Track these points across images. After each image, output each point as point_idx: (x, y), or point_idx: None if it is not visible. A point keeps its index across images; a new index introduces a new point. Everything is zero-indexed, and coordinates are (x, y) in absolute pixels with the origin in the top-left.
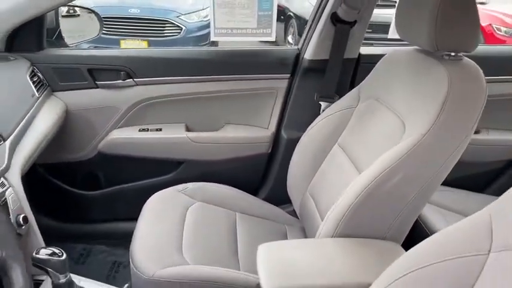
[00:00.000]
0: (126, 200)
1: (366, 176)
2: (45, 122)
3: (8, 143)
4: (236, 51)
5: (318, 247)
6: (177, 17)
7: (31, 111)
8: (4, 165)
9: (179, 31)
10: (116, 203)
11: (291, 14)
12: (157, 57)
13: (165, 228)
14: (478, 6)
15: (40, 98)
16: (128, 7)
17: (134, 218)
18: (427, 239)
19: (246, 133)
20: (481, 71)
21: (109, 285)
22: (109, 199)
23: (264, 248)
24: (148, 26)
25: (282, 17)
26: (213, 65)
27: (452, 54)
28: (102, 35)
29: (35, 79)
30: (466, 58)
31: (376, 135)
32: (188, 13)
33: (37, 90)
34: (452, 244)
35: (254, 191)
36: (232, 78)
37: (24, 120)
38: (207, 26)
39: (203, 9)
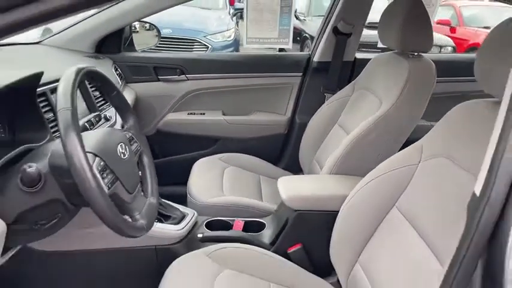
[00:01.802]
0: (175, 168)
1: (353, 133)
2: None
3: None
4: (261, 55)
5: (318, 178)
6: (204, 36)
7: None
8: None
9: (206, 49)
10: (167, 171)
11: (307, 35)
12: (203, 59)
13: (210, 176)
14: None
15: (121, 87)
16: (162, 27)
17: (182, 182)
18: (383, 162)
19: (268, 117)
20: (433, 65)
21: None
22: (162, 167)
23: (282, 178)
24: (179, 44)
25: (298, 38)
26: (244, 65)
27: (415, 54)
28: None
29: (116, 73)
30: (424, 56)
31: (363, 111)
32: (214, 33)
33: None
34: (395, 162)
35: (274, 161)
36: (258, 75)
37: None
38: (230, 45)
39: (227, 30)
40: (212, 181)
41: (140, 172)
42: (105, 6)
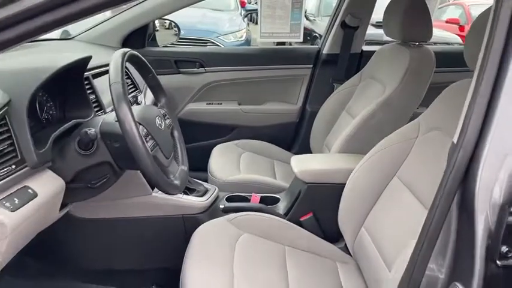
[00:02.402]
0: (196, 155)
1: (358, 116)
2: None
3: None
4: (274, 49)
5: (327, 156)
6: (217, 37)
7: None
8: None
9: None
10: (188, 157)
11: (316, 34)
12: (221, 53)
13: (228, 159)
14: None
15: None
16: None
17: (201, 168)
18: (384, 138)
19: (280, 107)
20: (432, 54)
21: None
22: None
23: (294, 157)
24: (193, 44)
25: (309, 38)
26: (258, 58)
27: (416, 43)
28: None
29: None
30: (425, 46)
31: (368, 98)
32: (226, 34)
33: None
34: (395, 137)
35: (287, 147)
36: (271, 67)
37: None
38: (241, 44)
39: (239, 30)
40: (230, 162)
41: (174, 144)
42: (131, 5)
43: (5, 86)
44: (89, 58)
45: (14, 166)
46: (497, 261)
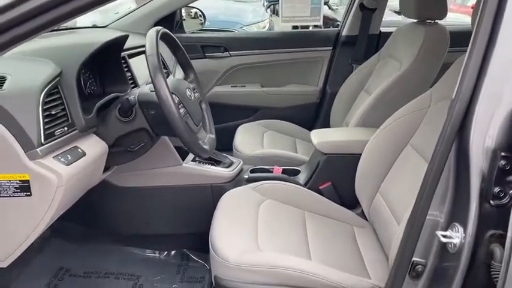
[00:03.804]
0: (221, 135)
1: (375, 92)
2: (178, 75)
3: None
4: (295, 32)
5: (345, 129)
6: (240, 27)
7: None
8: None
9: None
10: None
11: (339, 23)
12: (245, 37)
13: (252, 136)
14: None
15: (174, 64)
16: None
17: (227, 148)
18: (398, 110)
19: (301, 88)
20: (447, 31)
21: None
22: None
23: (314, 131)
24: None
25: (331, 27)
26: (280, 42)
27: (431, 21)
28: None
29: None
30: (440, 24)
31: (386, 75)
32: (249, 24)
33: None
34: (408, 108)
35: (308, 127)
36: (292, 50)
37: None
38: None
39: (262, 21)
40: (254, 139)
41: (202, 115)
42: None
43: (56, 59)
44: (126, 36)
45: (66, 128)
46: (491, 201)
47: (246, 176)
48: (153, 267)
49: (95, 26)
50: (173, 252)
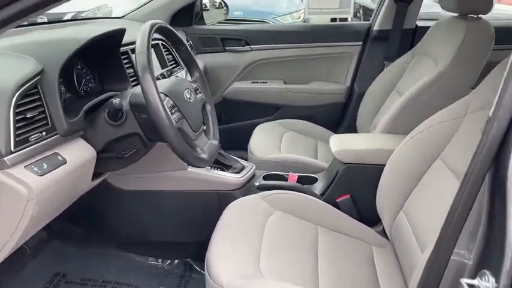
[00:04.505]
0: (239, 133)
1: (406, 94)
2: None
3: None
4: (322, 25)
5: (368, 135)
6: (274, 18)
7: None
8: None
9: None
10: (232, 136)
11: None
12: (267, 30)
13: (269, 137)
14: None
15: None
16: (233, 10)
17: (244, 147)
18: (429, 117)
19: (327, 86)
20: (491, 28)
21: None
22: (226, 133)
23: (334, 136)
24: None
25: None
26: (305, 36)
27: (474, 16)
28: None
29: (188, 43)
30: (483, 19)
31: (419, 75)
32: (283, 15)
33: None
34: (441, 116)
35: (332, 129)
36: (318, 45)
37: None
38: None
39: (297, 11)
40: (271, 141)
41: (204, 118)
42: None
43: (38, 55)
44: (122, 30)
45: (44, 133)
46: None
47: (257, 184)
48: (154, 277)
49: (112, 17)
50: (176, 261)
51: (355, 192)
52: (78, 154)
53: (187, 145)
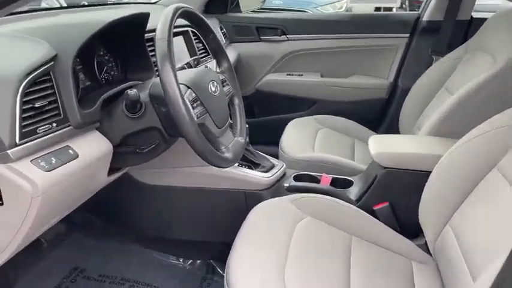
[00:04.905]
0: (271, 128)
1: (458, 93)
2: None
3: None
4: (365, 15)
5: (412, 137)
6: (315, 7)
7: None
8: None
9: None
10: (263, 130)
11: None
12: (305, 19)
13: (302, 135)
14: None
15: (225, 46)
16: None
17: (276, 142)
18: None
19: (368, 81)
20: None
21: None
22: (258, 126)
23: (374, 136)
24: None
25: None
26: (346, 26)
27: None
28: None
29: (222, 32)
30: None
31: (473, 71)
32: (324, 4)
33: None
34: (498, 120)
35: (372, 127)
36: (360, 36)
37: None
38: None
39: (338, 1)
40: (304, 139)
41: (231, 113)
42: None
43: (52, 39)
44: (145, 15)
45: (55, 124)
46: None
47: (286, 184)
48: (174, 278)
49: (146, 2)
50: (198, 261)
51: (395, 200)
52: (92, 148)
53: (208, 143)
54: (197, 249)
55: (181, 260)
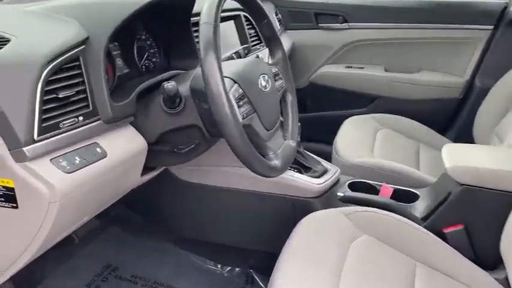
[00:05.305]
0: (324, 125)
1: None
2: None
3: None
4: (441, 2)
5: (497, 150)
6: None
7: None
8: None
9: None
10: (315, 127)
11: None
12: (370, 6)
13: (360, 136)
14: None
15: (279, 32)
16: None
17: (329, 141)
18: None
19: (439, 78)
20: None
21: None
22: (310, 122)
23: (448, 145)
24: None
25: None
26: (418, 14)
27: None
28: None
29: (277, 18)
30: None
31: None
32: None
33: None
34: None
35: (441, 130)
36: (433, 27)
37: None
38: None
39: None
40: (362, 141)
41: (282, 111)
42: None
43: (85, 19)
44: None
45: (81, 118)
46: None
47: (340, 194)
48: (210, 285)
49: None
50: (237, 269)
51: (471, 224)
52: (124, 145)
53: (253, 148)
54: (236, 256)
55: (219, 266)
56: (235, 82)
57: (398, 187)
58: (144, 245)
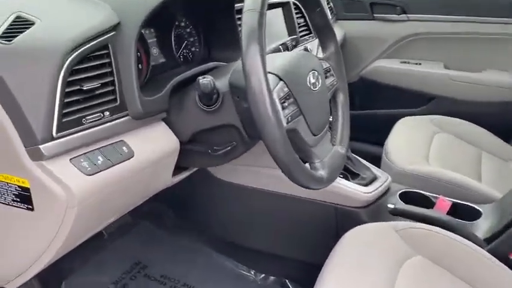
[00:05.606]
0: (374, 124)
1: None
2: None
3: None
4: None
5: None
6: None
7: None
8: None
9: None
10: (365, 126)
11: None
12: None
13: (415, 139)
14: None
15: (331, 21)
16: None
17: (379, 142)
18: None
19: (507, 78)
20: None
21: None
22: (359, 121)
23: None
24: None
25: None
26: (487, 6)
27: None
28: None
29: (328, 6)
30: None
31: None
32: None
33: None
34: None
35: (507, 138)
36: (503, 21)
37: None
38: None
39: None
40: (417, 145)
41: (331, 113)
42: None
43: (117, 3)
44: None
45: (107, 113)
46: None
47: (390, 205)
48: None
49: None
50: (272, 278)
51: None
52: (154, 144)
53: (296, 157)
54: (271, 263)
55: (252, 273)
56: (281, 79)
57: (458, 201)
58: (175, 243)
